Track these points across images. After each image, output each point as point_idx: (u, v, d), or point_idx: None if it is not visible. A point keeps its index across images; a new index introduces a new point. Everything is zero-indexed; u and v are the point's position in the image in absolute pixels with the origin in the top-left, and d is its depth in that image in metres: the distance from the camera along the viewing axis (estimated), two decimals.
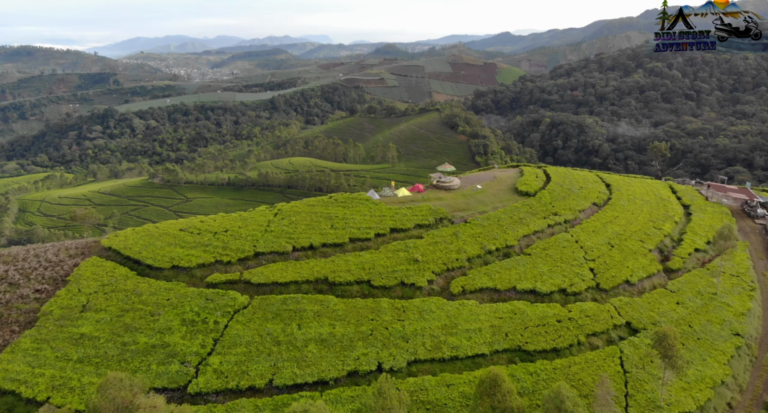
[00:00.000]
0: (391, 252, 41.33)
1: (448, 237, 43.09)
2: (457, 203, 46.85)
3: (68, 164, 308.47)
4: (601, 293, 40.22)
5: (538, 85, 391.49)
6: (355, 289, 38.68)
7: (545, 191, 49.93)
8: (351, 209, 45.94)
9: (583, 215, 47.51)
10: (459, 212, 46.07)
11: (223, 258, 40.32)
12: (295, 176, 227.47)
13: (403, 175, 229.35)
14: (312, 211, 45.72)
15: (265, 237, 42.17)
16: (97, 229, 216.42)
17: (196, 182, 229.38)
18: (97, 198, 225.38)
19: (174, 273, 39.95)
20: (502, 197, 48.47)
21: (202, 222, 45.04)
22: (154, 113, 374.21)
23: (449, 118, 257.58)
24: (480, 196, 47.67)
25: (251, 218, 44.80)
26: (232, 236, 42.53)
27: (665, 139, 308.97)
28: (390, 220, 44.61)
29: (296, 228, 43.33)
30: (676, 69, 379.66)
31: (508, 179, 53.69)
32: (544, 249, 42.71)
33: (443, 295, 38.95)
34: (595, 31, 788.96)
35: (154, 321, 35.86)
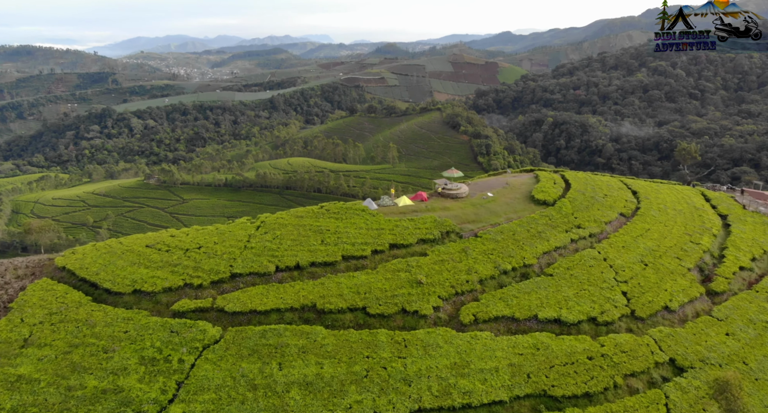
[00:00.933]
0: (391, 273, 35.15)
1: (456, 254, 36.89)
2: (466, 213, 40.68)
3: (64, 164, 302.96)
4: (637, 322, 34.06)
5: (541, 84, 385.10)
6: (347, 318, 32.55)
7: (565, 199, 43.68)
8: (345, 222, 39.78)
9: (610, 227, 41.32)
10: (468, 224, 39.88)
11: (194, 281, 34.16)
12: (293, 177, 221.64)
13: (404, 176, 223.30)
14: (300, 223, 39.56)
15: (244, 255, 35.99)
16: (91, 231, 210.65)
17: (192, 182, 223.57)
18: (91, 199, 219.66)
19: (135, 299, 33.84)
20: (517, 206, 42.29)
21: (173, 237, 38.89)
22: (152, 112, 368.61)
23: (451, 117, 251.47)
24: (491, 205, 41.50)
25: (229, 232, 38.65)
26: (206, 253, 36.36)
27: (670, 138, 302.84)
28: (389, 234, 38.42)
29: (281, 244, 37.15)
30: (680, 68, 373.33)
31: (522, 185, 47.51)
32: (568, 269, 36.49)
33: (452, 325, 32.81)
34: (597, 31, 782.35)
35: (107, 359, 29.79)
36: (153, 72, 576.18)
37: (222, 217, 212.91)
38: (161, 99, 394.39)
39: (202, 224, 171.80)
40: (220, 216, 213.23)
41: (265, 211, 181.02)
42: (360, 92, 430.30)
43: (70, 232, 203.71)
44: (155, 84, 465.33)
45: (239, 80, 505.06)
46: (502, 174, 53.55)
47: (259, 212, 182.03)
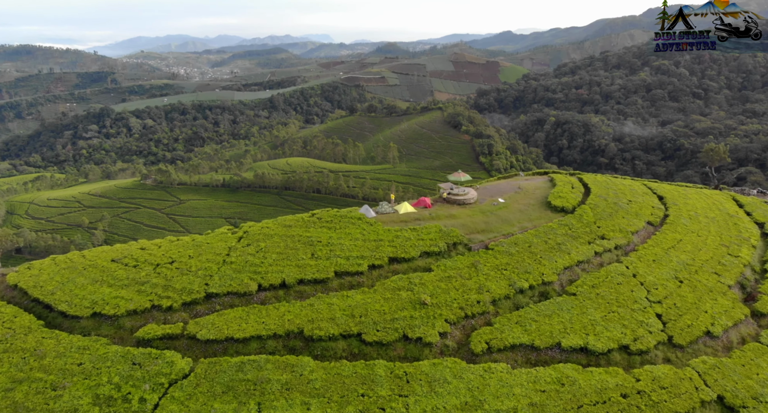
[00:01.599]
0: (391, 291, 30.42)
1: (464, 270, 32.14)
2: (475, 222, 35.89)
3: (62, 164, 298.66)
4: (676, 350, 29.30)
5: (542, 83, 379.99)
6: (340, 346, 27.84)
7: (586, 206, 38.84)
8: (339, 232, 35.01)
9: (638, 238, 36.53)
10: (477, 234, 35.10)
11: (163, 302, 29.43)
12: (292, 177, 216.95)
13: (405, 176, 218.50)
14: (287, 234, 34.79)
15: (222, 271, 31.24)
16: (87, 232, 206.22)
17: (189, 183, 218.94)
18: (86, 200, 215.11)
19: (94, 323, 29.14)
20: (532, 214, 37.52)
21: (143, 250, 34.13)
22: (151, 112, 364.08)
23: (452, 117, 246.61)
24: (503, 213, 36.72)
25: (206, 245, 33.88)
26: (179, 269, 31.61)
27: (674, 138, 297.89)
28: (389, 246, 33.66)
29: (265, 258, 32.40)
30: (683, 67, 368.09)
31: (536, 190, 42.73)
32: (594, 287, 31.71)
33: (461, 354, 28.09)
34: (598, 30, 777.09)
35: (55, 398, 25.11)
36: (152, 72, 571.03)
37: (219, 218, 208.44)
38: (160, 98, 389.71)
39: (200, 226, 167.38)
40: (218, 217, 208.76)
41: (264, 212, 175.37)
42: (360, 92, 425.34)
43: (66, 233, 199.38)
44: (154, 83, 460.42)
45: (239, 80, 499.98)
46: (513, 177, 48.77)
47: (258, 213, 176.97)
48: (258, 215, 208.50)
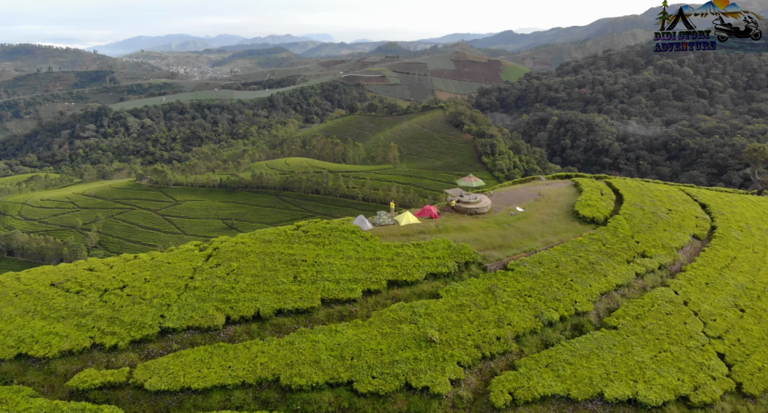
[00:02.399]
0: (390, 324, 24.48)
1: (480, 296, 26.16)
2: (490, 235, 29.92)
3: (58, 164, 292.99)
4: (747, 401, 23.33)
5: (545, 82, 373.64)
6: (325, 399, 21.91)
7: (620, 216, 32.87)
8: (328, 249, 29.05)
9: (684, 255, 30.57)
10: (493, 251, 29.14)
11: (107, 340, 23.51)
12: (290, 178, 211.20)
13: (406, 176, 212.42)
14: (266, 251, 28.82)
15: (183, 299, 25.24)
16: (80, 233, 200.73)
17: (186, 183, 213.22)
18: (81, 201, 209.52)
19: (19, 368, 23.20)
20: (557, 225, 31.54)
21: (91, 271, 28.20)
22: (149, 111, 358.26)
23: (454, 116, 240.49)
24: (523, 224, 30.75)
25: (167, 265, 27.92)
26: (131, 297, 25.66)
27: (679, 138, 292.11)
28: (388, 266, 27.70)
29: (237, 282, 26.42)
30: (688, 66, 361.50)
31: (559, 197, 36.78)
32: (638, 318, 25.72)
33: (479, 409, 22.14)
34: (599, 29, 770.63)
35: None
36: (152, 71, 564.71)
37: (216, 219, 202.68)
38: (158, 98, 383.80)
39: (196, 227, 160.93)
40: (214, 218, 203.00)
41: (261, 213, 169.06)
42: (360, 91, 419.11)
43: (59, 235, 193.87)
44: (153, 83, 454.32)
45: (238, 79, 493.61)
46: (531, 181, 42.75)
47: (255, 214, 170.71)
48: (255, 216, 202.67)
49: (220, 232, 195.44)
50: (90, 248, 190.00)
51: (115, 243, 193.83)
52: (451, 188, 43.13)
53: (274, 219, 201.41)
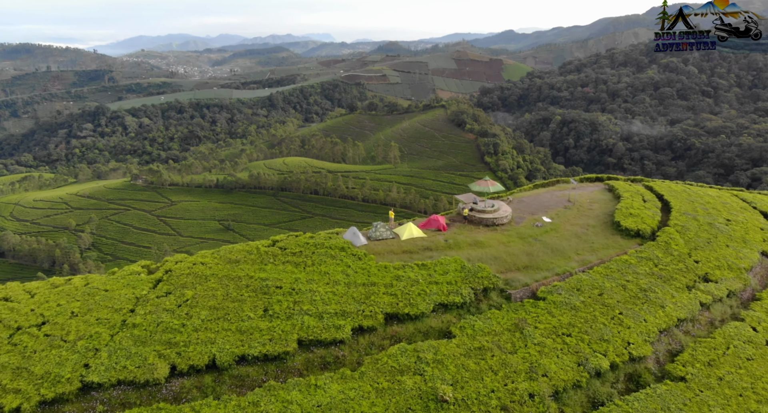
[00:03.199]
0: (388, 376, 18.36)
1: (504, 336, 20.00)
2: (513, 253, 23.79)
3: (54, 163, 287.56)
4: None
5: (547, 81, 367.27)
6: None
7: (670, 228, 26.72)
8: (310, 271, 22.87)
9: (755, 278, 24.29)
10: (518, 272, 22.99)
11: (5, 401, 17.44)
12: (289, 178, 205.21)
13: (406, 176, 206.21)
14: (231, 274, 22.66)
15: (116, 342, 19.07)
16: (73, 235, 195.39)
17: (181, 183, 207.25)
18: (74, 201, 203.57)
19: None
20: (594, 240, 25.42)
21: (6, 301, 22.04)
22: (147, 110, 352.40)
23: (456, 115, 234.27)
24: (552, 238, 24.63)
25: (104, 294, 21.78)
26: (50, 338, 19.58)
27: (684, 137, 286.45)
28: (386, 294, 21.56)
29: (189, 318, 20.29)
30: (692, 64, 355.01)
31: (593, 204, 30.66)
32: (711, 365, 19.56)
33: None
34: (601, 29, 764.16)
35: None
36: (151, 70, 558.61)
37: (212, 220, 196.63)
38: (157, 97, 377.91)
39: (192, 228, 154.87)
40: (210, 219, 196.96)
41: (259, 214, 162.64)
42: (361, 90, 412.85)
43: (51, 236, 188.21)
44: (152, 82, 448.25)
45: (238, 78, 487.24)
46: (556, 185, 36.38)
47: (252, 214, 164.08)
48: (253, 217, 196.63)
49: (216, 233, 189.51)
50: (83, 250, 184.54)
51: (108, 245, 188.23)
52: (461, 192, 37.22)
53: (271, 220, 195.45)
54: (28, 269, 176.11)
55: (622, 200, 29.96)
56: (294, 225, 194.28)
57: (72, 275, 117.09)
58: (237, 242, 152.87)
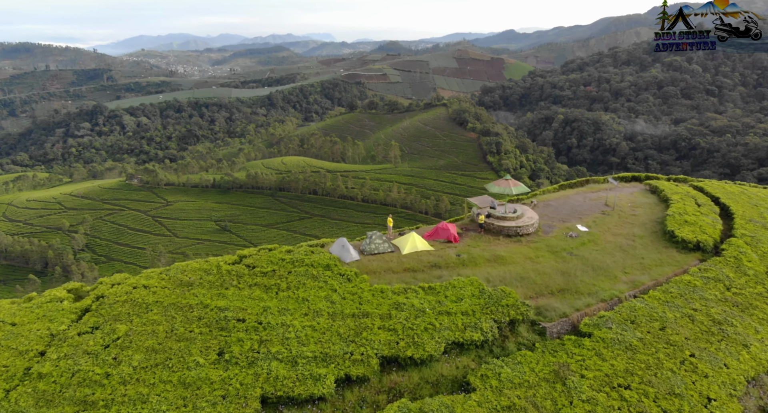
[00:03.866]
0: None
1: (541, 389, 14.45)
2: (544, 271, 18.50)
3: (50, 163, 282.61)
4: None
5: (549, 80, 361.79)
6: None
7: (737, 239, 21.42)
8: (284, 297, 17.50)
9: None
10: (551, 298, 17.64)
11: None
12: (287, 177, 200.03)
13: (407, 176, 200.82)
14: (181, 302, 17.33)
15: (9, 402, 13.49)
16: (67, 235, 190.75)
17: (177, 183, 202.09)
18: (68, 201, 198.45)
19: None
20: (643, 253, 20.13)
21: None
22: (145, 109, 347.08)
23: (457, 113, 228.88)
24: (591, 252, 19.37)
25: (10, 329, 16.47)
26: None
27: (689, 137, 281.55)
28: (381, 329, 16.12)
29: (118, 364, 14.88)
30: (696, 63, 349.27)
31: (635, 208, 25.35)
32: None
33: None
34: (602, 28, 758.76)
35: None
36: (150, 69, 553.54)
37: (209, 220, 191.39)
38: (155, 96, 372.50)
39: (187, 229, 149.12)
40: (207, 220, 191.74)
41: (256, 214, 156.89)
42: (361, 89, 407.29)
43: (44, 237, 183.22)
44: (151, 81, 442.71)
45: (237, 77, 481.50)
46: (586, 185, 30.78)
47: (250, 215, 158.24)
48: (250, 218, 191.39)
49: (212, 234, 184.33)
50: (76, 251, 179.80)
51: (102, 246, 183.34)
52: (463, 193, 31.68)
53: (269, 221, 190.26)
54: (20, 271, 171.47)
55: (672, 205, 24.57)
56: (292, 226, 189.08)
57: (65, 277, 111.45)
58: (233, 244, 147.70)
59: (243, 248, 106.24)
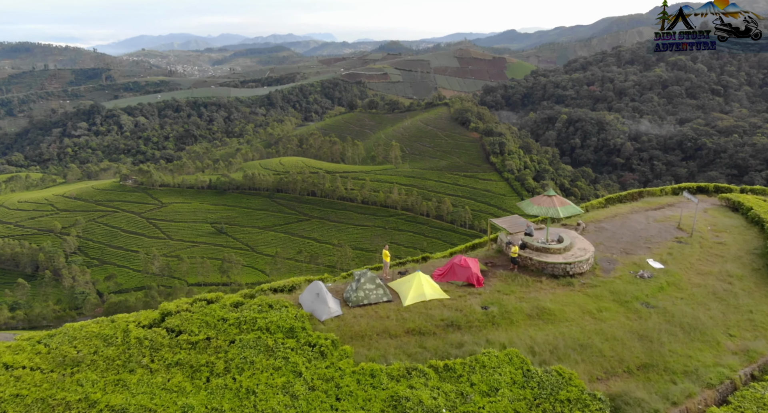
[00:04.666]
0: None
1: None
2: (611, 333, 11.90)
3: (45, 163, 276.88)
4: None
5: (552, 80, 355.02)
6: None
7: None
8: (218, 386, 10.75)
9: None
10: (629, 379, 10.89)
11: None
12: (285, 178, 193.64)
13: (408, 177, 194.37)
14: (54, 398, 10.63)
15: None
16: (59, 238, 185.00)
17: (173, 184, 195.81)
18: (61, 203, 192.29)
19: None
20: (748, 302, 13.78)
21: None
22: (143, 109, 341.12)
23: (459, 113, 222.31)
24: (673, 301, 12.95)
25: None
26: None
27: (695, 137, 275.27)
28: None
29: None
30: (701, 62, 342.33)
31: (719, 233, 18.92)
32: None
33: None
34: (604, 28, 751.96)
35: None
36: (150, 69, 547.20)
37: (204, 223, 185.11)
38: (153, 95, 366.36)
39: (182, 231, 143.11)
40: (203, 222, 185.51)
41: (253, 216, 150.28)
42: (361, 89, 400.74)
43: (35, 240, 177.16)
44: (150, 80, 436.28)
45: (236, 76, 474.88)
46: (641, 199, 23.86)
47: (246, 217, 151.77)
48: (247, 220, 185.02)
49: (208, 237, 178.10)
50: (68, 254, 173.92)
51: (95, 249, 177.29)
52: (466, 194, 24.41)
53: (266, 223, 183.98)
54: (9, 275, 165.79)
55: None
56: (290, 228, 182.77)
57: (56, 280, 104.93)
58: (229, 247, 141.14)
59: (239, 251, 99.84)
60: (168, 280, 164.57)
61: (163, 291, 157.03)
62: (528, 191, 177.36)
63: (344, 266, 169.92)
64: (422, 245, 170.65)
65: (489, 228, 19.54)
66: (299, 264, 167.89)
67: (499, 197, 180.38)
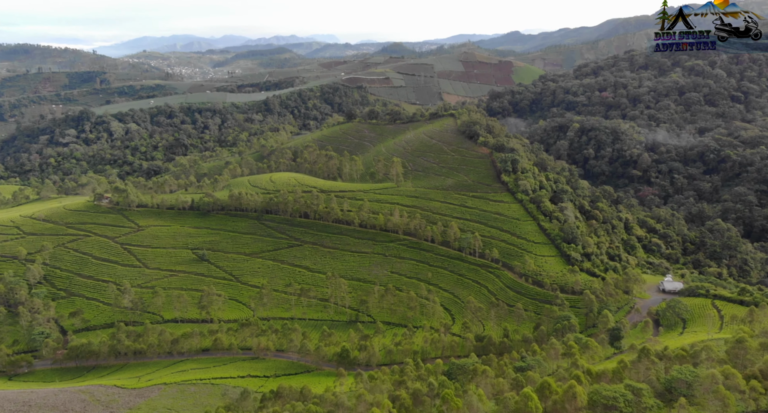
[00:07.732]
0: None
1: None
2: None
3: (26, 174, 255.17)
4: None
5: (562, 85, 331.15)
6: None
7: None
8: None
9: None
10: None
11: None
12: (275, 198, 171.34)
13: (411, 198, 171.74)
14: None
15: None
16: (23, 265, 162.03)
17: (151, 205, 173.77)
18: (28, 225, 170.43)
19: None
20: None
21: None
22: (135, 115, 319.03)
23: (467, 125, 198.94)
24: None
25: None
26: None
27: (717, 148, 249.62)
28: None
29: None
30: (720, 67, 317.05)
31: None
32: None
33: None
34: (610, 30, 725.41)
35: None
36: (147, 71, 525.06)
37: (185, 248, 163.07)
38: (146, 100, 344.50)
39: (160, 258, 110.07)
40: (183, 247, 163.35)
41: (239, 241, 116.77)
42: (363, 94, 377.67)
43: None
44: (146, 84, 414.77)
45: (234, 80, 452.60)
46: None
47: (231, 242, 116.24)
48: (232, 246, 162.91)
49: (188, 264, 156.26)
50: (32, 285, 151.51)
51: (62, 278, 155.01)
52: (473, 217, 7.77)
53: (253, 249, 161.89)
54: None
55: None
56: (279, 255, 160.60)
57: (12, 318, 76.37)
58: (211, 276, 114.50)
59: (222, 281, 65.48)
60: (141, 315, 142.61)
61: (132, 333, 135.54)
62: (544, 214, 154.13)
63: (339, 301, 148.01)
64: (426, 275, 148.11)
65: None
66: (289, 298, 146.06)
67: (513, 222, 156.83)
